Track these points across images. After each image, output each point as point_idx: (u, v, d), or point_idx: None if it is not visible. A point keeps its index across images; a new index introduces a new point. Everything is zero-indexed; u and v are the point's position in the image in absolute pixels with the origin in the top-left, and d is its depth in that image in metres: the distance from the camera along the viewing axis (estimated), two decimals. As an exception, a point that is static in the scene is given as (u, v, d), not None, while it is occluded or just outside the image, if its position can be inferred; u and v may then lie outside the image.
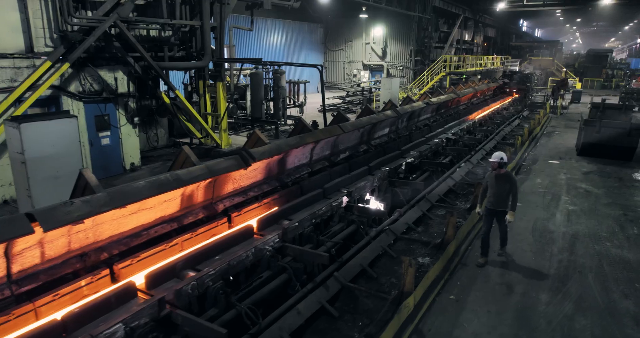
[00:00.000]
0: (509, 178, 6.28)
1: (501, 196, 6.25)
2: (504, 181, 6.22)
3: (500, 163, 6.20)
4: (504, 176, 6.26)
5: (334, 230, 6.50)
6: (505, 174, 6.27)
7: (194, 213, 5.81)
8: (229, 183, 6.19)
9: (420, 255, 6.46)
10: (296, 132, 7.82)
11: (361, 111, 9.84)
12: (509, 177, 6.29)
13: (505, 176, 6.27)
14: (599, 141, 12.49)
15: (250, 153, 5.87)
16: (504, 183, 6.22)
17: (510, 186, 6.21)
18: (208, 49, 11.51)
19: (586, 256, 6.66)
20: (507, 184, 6.20)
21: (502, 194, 6.23)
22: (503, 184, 6.22)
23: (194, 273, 4.76)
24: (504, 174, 6.27)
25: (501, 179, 6.24)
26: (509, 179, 6.26)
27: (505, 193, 6.22)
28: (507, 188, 6.20)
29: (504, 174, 6.26)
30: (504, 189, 6.21)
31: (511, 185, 6.21)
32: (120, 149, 10.93)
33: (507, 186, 6.20)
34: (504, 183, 6.22)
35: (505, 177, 6.26)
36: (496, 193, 6.27)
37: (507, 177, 6.27)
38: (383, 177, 8.21)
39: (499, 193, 6.24)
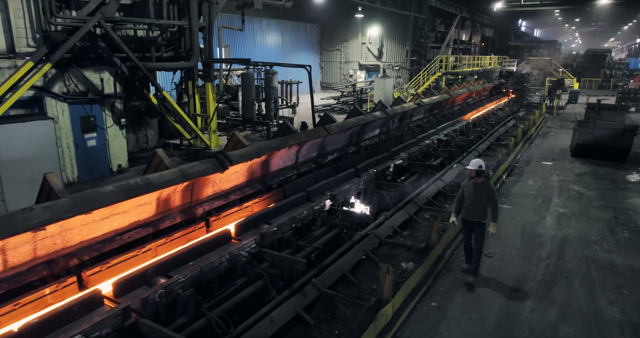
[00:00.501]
0: (487, 187, 5.84)
1: (477, 206, 5.82)
2: (481, 191, 5.79)
3: (478, 171, 5.78)
4: (482, 185, 5.82)
5: (316, 234, 6.36)
6: (483, 183, 5.84)
7: (172, 217, 5.68)
8: (209, 187, 6.06)
9: (404, 259, 6.32)
10: (279, 134, 7.69)
11: (349, 112, 9.70)
12: (486, 186, 5.84)
13: (483, 185, 5.83)
14: (593, 142, 12.35)
15: (228, 156, 5.73)
16: (481, 192, 5.79)
17: (489, 197, 5.79)
18: (196, 50, 11.37)
19: (574, 260, 6.51)
20: (485, 195, 5.78)
21: (479, 204, 5.80)
22: (480, 194, 5.79)
23: (165, 280, 4.62)
24: (482, 183, 5.84)
25: (479, 189, 5.81)
26: (486, 188, 5.82)
27: (482, 203, 5.79)
28: (485, 199, 5.77)
29: (482, 183, 5.83)
30: (481, 199, 5.79)
31: (489, 195, 5.79)
32: (107, 150, 10.79)
33: (484, 197, 5.77)
34: (481, 192, 5.79)
35: (483, 186, 5.82)
36: (472, 203, 5.85)
37: (484, 186, 5.82)
38: (370, 179, 8.06)
39: (476, 203, 5.83)
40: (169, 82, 13.63)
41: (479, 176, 5.83)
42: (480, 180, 5.84)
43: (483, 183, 5.85)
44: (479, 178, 5.84)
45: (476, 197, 5.82)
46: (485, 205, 5.81)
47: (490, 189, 5.85)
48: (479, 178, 5.84)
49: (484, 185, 5.84)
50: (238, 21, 24.07)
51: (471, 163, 5.87)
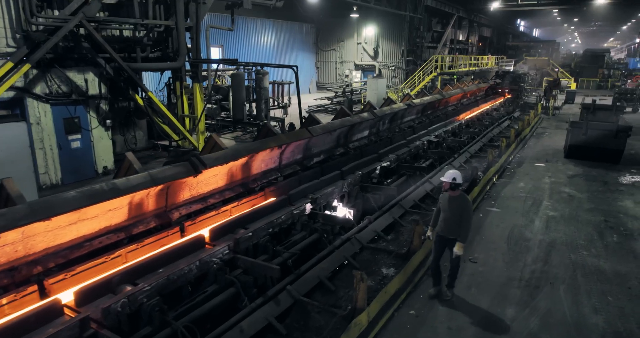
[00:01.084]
0: (462, 201, 5.37)
1: (452, 221, 5.38)
2: (456, 205, 5.35)
3: (452, 183, 5.36)
4: (458, 198, 5.39)
5: (295, 239, 6.20)
6: (459, 197, 5.40)
7: (145, 222, 5.52)
8: (185, 190, 5.91)
9: (385, 265, 6.16)
10: (261, 136, 7.53)
11: (336, 113, 9.54)
12: (462, 200, 5.39)
13: (459, 198, 5.39)
14: (586, 143, 12.19)
15: (201, 159, 5.57)
16: (456, 206, 5.35)
17: (462, 212, 5.31)
18: (183, 50, 11.22)
19: (560, 266, 6.36)
20: (459, 209, 5.33)
21: (454, 219, 5.36)
22: (455, 207, 5.35)
23: (132, 288, 4.47)
24: (458, 196, 5.40)
25: (454, 202, 5.38)
26: (462, 202, 5.36)
27: (456, 218, 5.34)
28: (459, 213, 5.32)
29: (458, 197, 5.40)
30: (455, 214, 5.34)
31: (463, 210, 5.31)
32: (92, 152, 10.63)
33: (458, 211, 5.33)
34: (456, 206, 5.35)
35: (459, 200, 5.38)
36: (447, 217, 5.41)
37: (460, 200, 5.38)
38: (354, 182, 7.91)
39: (450, 217, 5.38)
40: (159, 83, 13.45)
41: (453, 189, 5.41)
42: (455, 193, 5.41)
43: (459, 196, 5.42)
44: (454, 191, 5.42)
45: (450, 211, 5.39)
46: (461, 220, 5.38)
47: (465, 204, 5.36)
48: (454, 191, 5.42)
49: (459, 199, 5.40)
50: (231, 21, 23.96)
51: (446, 174, 5.47)
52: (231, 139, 14.48)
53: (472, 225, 7.75)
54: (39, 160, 9.40)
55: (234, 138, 14.57)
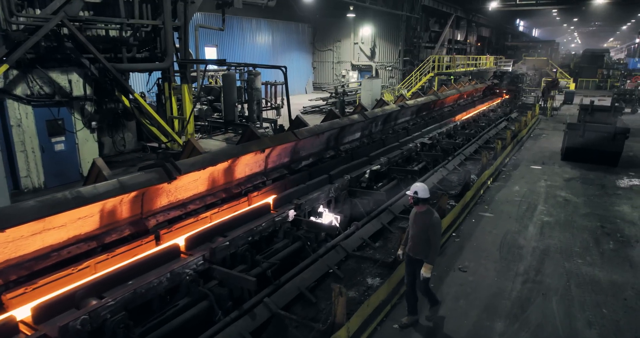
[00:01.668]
0: (428, 217, 4.82)
1: (418, 239, 4.87)
2: (422, 222, 4.85)
3: (415, 198, 4.85)
4: (424, 215, 4.86)
5: (276, 247, 5.94)
6: (425, 213, 4.86)
7: (119, 230, 5.27)
8: (162, 196, 5.65)
9: (370, 275, 5.91)
10: (244, 139, 7.27)
11: (325, 115, 9.30)
12: (428, 216, 4.84)
13: (425, 215, 4.86)
14: (583, 145, 11.93)
15: (176, 165, 5.31)
16: (422, 223, 4.85)
17: (428, 229, 4.78)
18: (170, 50, 10.95)
19: (554, 275, 6.10)
20: (425, 227, 4.81)
21: (421, 237, 4.84)
22: (421, 225, 4.85)
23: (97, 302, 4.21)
24: (425, 212, 4.87)
25: (419, 219, 4.88)
26: (428, 219, 4.81)
27: (423, 236, 4.82)
28: (425, 231, 4.81)
29: (425, 213, 4.86)
30: (422, 232, 4.83)
31: (429, 228, 4.78)
32: (77, 155, 10.37)
33: (424, 229, 4.82)
34: (422, 223, 4.85)
35: (425, 216, 4.85)
36: (413, 235, 4.93)
37: (426, 216, 4.84)
38: (342, 187, 7.65)
39: (417, 235, 4.89)
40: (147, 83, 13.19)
41: (417, 204, 4.87)
42: (421, 209, 4.88)
43: (425, 212, 4.87)
44: (420, 206, 4.88)
45: (416, 229, 4.90)
46: (428, 240, 4.84)
47: (431, 221, 4.80)
48: (420, 206, 4.88)
49: (426, 215, 4.85)
50: (228, 21, 23.72)
51: (411, 187, 4.96)
52: (222, 140, 14.23)
53: (465, 231, 7.57)
54: (20, 163, 9.15)
55: (225, 139, 14.32)
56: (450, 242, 7.13)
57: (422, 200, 4.84)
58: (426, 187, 4.94)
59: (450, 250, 6.86)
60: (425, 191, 4.87)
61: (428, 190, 4.93)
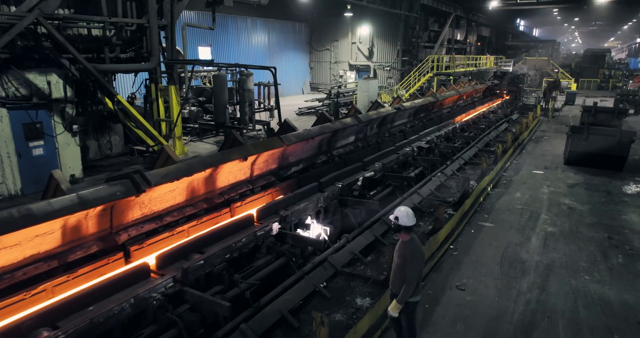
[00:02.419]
0: (407, 249, 4.11)
1: (396, 272, 4.21)
2: (401, 253, 4.16)
3: (396, 225, 4.15)
4: (405, 244, 4.15)
5: (258, 264, 5.47)
6: (406, 243, 4.14)
7: (85, 247, 4.79)
8: (135, 209, 5.17)
9: (361, 294, 5.43)
10: (226, 146, 6.80)
11: (316, 119, 8.82)
12: (407, 248, 4.11)
13: (406, 245, 4.14)
14: (587, 149, 11.46)
15: (145, 176, 4.83)
16: (401, 254, 4.15)
17: (405, 263, 4.08)
18: (156, 50, 10.49)
19: (559, 294, 5.62)
20: (403, 259, 4.11)
21: (400, 270, 4.16)
22: (400, 255, 4.15)
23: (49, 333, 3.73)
24: (407, 242, 4.15)
25: (401, 249, 4.18)
26: (406, 251, 4.11)
27: (402, 270, 4.12)
28: (403, 264, 4.11)
29: (406, 243, 4.15)
30: (401, 264, 4.13)
31: (406, 261, 4.07)
32: (58, 160, 9.90)
33: (402, 261, 4.12)
34: (401, 254, 4.15)
35: (406, 247, 4.13)
36: (394, 267, 4.24)
37: (406, 247, 4.12)
38: (332, 196, 7.18)
39: (397, 267, 4.20)
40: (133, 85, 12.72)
41: (399, 232, 4.17)
42: (405, 237, 4.15)
43: (408, 242, 4.14)
44: (403, 235, 4.16)
45: (397, 260, 4.20)
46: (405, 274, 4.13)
47: (408, 253, 4.09)
48: (403, 235, 4.16)
49: (407, 246, 4.14)
50: (222, 20, 23.25)
51: (395, 211, 4.26)
52: (213, 143, 13.76)
53: (463, 244, 7.10)
54: (-6, 169, 8.70)
55: (216, 142, 13.85)
56: (448, 256, 6.65)
57: (405, 228, 4.11)
58: (410, 212, 4.20)
59: (447, 264, 6.38)
60: (409, 217, 4.13)
61: (412, 216, 4.18)
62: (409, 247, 4.13)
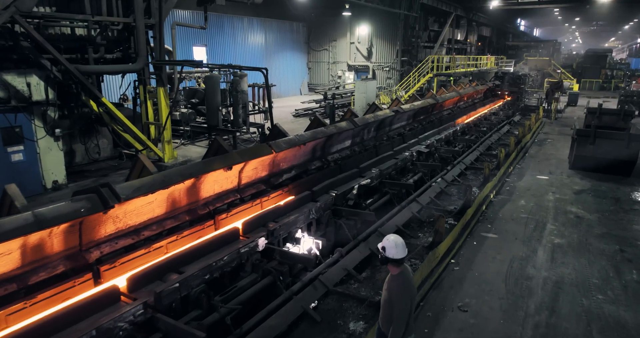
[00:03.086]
0: (395, 284, 3.55)
1: (384, 308, 3.65)
2: (388, 286, 3.61)
3: (382, 257, 3.59)
4: (393, 279, 3.60)
5: (242, 284, 5.01)
6: (396, 277, 3.58)
7: (49, 267, 4.34)
8: (107, 223, 4.71)
9: (354, 317, 4.97)
10: (210, 153, 6.33)
11: (310, 123, 8.36)
12: (395, 283, 3.56)
13: (395, 280, 3.58)
14: (594, 153, 10.99)
15: (115, 190, 4.36)
16: (388, 288, 3.61)
17: (391, 299, 3.52)
18: (143, 51, 10.03)
19: (571, 317, 5.16)
20: (390, 295, 3.55)
21: (387, 307, 3.60)
22: (388, 289, 3.61)
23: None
24: (397, 276, 3.58)
25: (388, 282, 3.64)
26: (394, 286, 3.55)
27: (389, 306, 3.56)
28: (390, 301, 3.55)
29: (395, 277, 3.59)
30: (387, 300, 3.59)
31: (392, 298, 3.53)
32: (39, 165, 9.44)
33: (389, 297, 3.56)
34: (388, 288, 3.61)
35: (394, 281, 3.57)
36: (382, 302, 3.69)
37: (394, 282, 3.57)
38: (325, 206, 6.72)
39: (385, 303, 3.65)
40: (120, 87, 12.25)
41: (384, 264, 3.63)
42: (394, 271, 3.60)
43: (397, 276, 3.58)
44: (392, 267, 3.60)
45: (385, 294, 3.64)
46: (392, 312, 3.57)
47: (395, 290, 3.52)
48: (392, 267, 3.60)
49: (395, 281, 3.58)
50: (217, 19, 22.80)
51: (384, 239, 3.68)
52: (205, 147, 13.29)
53: (465, 257, 6.63)
54: (-30, 176, 8.24)
55: (208, 145, 13.38)
56: (449, 272, 6.19)
57: (393, 262, 3.54)
58: (400, 242, 3.59)
59: (448, 281, 5.92)
60: (398, 249, 3.52)
61: (403, 246, 3.57)
62: (397, 283, 3.55)
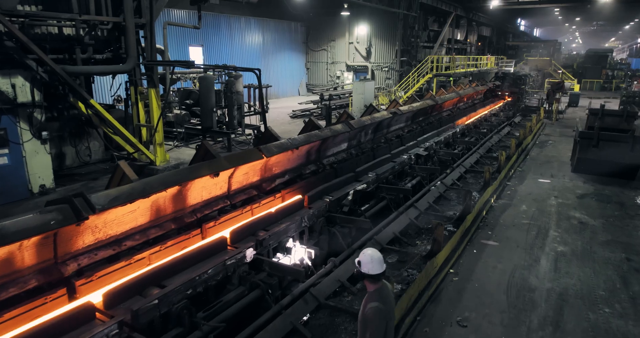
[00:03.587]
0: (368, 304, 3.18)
1: (360, 329, 3.26)
2: (363, 304, 3.26)
3: (358, 272, 3.27)
4: (368, 298, 3.25)
5: (228, 298, 4.72)
6: (371, 295, 3.24)
7: (20, 283, 4.05)
8: (86, 234, 4.43)
9: (346, 333, 4.68)
10: (197, 159, 6.07)
11: (304, 126, 8.08)
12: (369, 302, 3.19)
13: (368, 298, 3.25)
14: (597, 156, 10.71)
15: (89, 200, 4.07)
16: (363, 306, 3.25)
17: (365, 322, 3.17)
18: (133, 51, 9.73)
19: (577, 333, 4.87)
20: (362, 314, 3.24)
21: (360, 327, 3.25)
22: (362, 307, 3.26)
23: None
24: (371, 293, 3.24)
25: (364, 301, 3.28)
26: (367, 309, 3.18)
27: (362, 327, 3.20)
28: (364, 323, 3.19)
29: (371, 295, 3.24)
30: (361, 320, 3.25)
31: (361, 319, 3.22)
32: (25, 169, 9.14)
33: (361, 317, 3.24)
34: (363, 306, 3.25)
35: (366, 300, 3.25)
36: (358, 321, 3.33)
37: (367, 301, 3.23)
38: (318, 213, 6.43)
39: (358, 321, 3.30)
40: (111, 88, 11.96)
41: (363, 280, 3.26)
42: (370, 287, 3.26)
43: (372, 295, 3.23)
44: (368, 284, 3.26)
45: (359, 315, 3.30)
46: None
47: (368, 311, 3.15)
48: (368, 284, 3.26)
49: (369, 299, 3.23)
50: (214, 19, 22.52)
51: (361, 253, 3.33)
52: (199, 149, 13.00)
53: (465, 266, 6.34)
54: (-49, 181, 7.96)
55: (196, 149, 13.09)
56: (448, 282, 5.90)
57: (369, 277, 3.19)
58: (377, 256, 3.25)
59: (447, 293, 5.63)
60: (374, 263, 3.18)
61: (380, 261, 3.23)
62: (371, 303, 3.14)
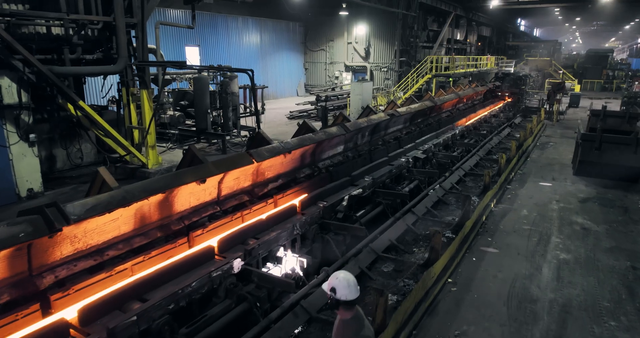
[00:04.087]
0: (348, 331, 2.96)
1: None
2: (338, 333, 3.02)
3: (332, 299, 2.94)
4: (342, 327, 3.00)
5: (213, 312, 4.48)
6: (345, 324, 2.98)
7: (-8, 297, 3.82)
8: (64, 245, 4.18)
9: (339, 350, 4.43)
10: (185, 163, 5.83)
11: (297, 129, 7.83)
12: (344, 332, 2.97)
13: (342, 327, 3.00)
14: (599, 159, 10.47)
15: (63, 210, 3.82)
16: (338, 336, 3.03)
17: None
18: (124, 51, 9.50)
19: (581, 348, 4.64)
20: None
21: None
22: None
23: None
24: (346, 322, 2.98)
25: (337, 329, 3.04)
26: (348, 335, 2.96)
27: None
28: None
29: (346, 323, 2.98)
30: None
31: None
32: (12, 172, 8.90)
33: None
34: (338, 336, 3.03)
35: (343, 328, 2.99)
36: None
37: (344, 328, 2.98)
38: (311, 220, 6.19)
39: None
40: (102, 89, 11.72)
41: (337, 308, 2.98)
42: (344, 315, 2.99)
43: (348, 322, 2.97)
44: (342, 312, 2.99)
45: None
46: None
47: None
48: (342, 312, 2.99)
49: (343, 328, 2.99)
50: (211, 19, 22.28)
51: (331, 277, 3.02)
52: (194, 151, 12.76)
53: (464, 275, 6.10)
54: None
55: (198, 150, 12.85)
56: (445, 293, 5.66)
57: (344, 304, 2.91)
58: (352, 280, 2.97)
59: (444, 305, 5.39)
60: (350, 288, 2.89)
61: (354, 284, 2.95)
62: (351, 329, 2.88)
